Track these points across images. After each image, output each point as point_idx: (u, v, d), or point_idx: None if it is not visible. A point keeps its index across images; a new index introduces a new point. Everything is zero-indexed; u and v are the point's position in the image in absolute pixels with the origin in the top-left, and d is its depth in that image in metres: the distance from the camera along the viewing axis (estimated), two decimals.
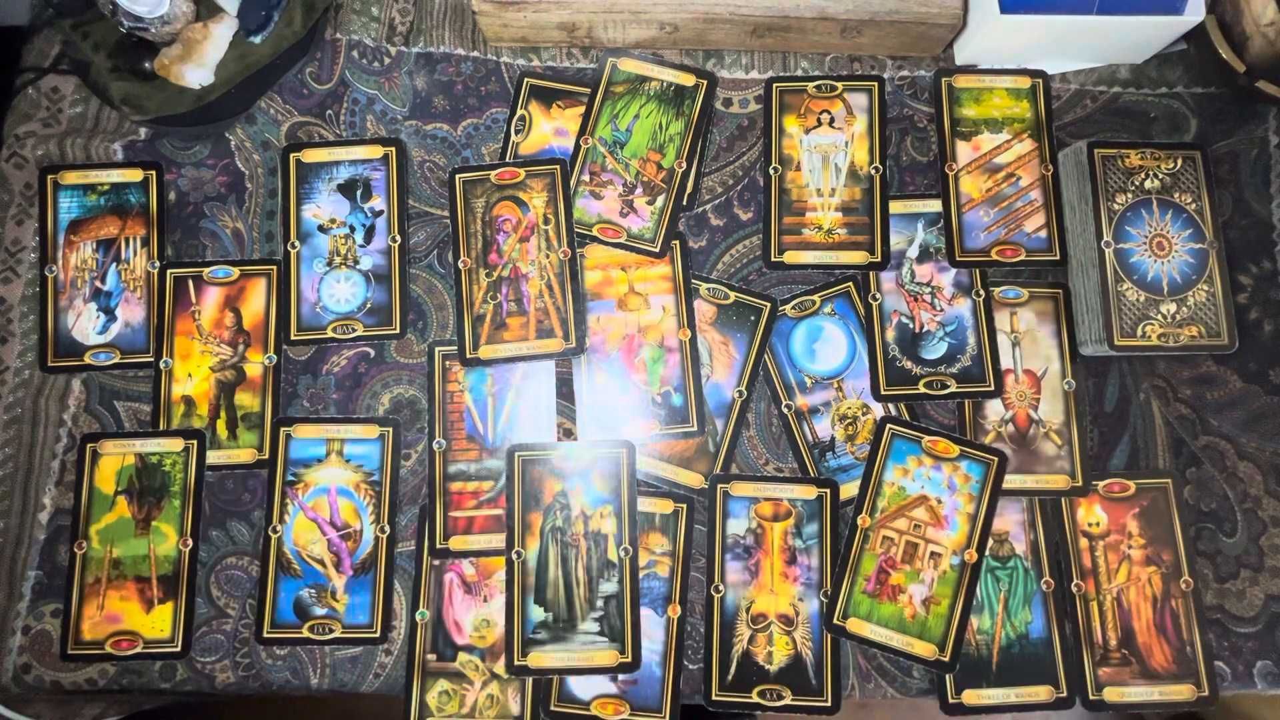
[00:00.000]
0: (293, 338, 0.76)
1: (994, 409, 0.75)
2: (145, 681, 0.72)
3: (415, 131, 0.81)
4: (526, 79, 0.82)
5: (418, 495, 0.75)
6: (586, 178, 0.79)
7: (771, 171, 0.79)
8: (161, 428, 0.75)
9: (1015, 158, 0.79)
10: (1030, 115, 0.80)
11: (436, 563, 0.73)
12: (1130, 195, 0.74)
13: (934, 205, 0.79)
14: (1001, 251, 0.77)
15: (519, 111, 0.81)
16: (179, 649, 0.71)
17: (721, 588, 0.72)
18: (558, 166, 0.78)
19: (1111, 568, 0.72)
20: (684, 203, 0.79)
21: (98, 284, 0.78)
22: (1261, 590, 0.73)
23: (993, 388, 0.75)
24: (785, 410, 0.76)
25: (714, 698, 0.70)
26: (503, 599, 0.71)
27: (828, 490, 0.73)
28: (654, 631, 0.71)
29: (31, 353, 0.77)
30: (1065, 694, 0.70)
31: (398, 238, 0.78)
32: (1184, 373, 0.77)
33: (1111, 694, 0.70)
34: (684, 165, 0.79)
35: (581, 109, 0.81)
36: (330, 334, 0.76)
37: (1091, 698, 0.70)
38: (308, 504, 0.73)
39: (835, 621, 0.70)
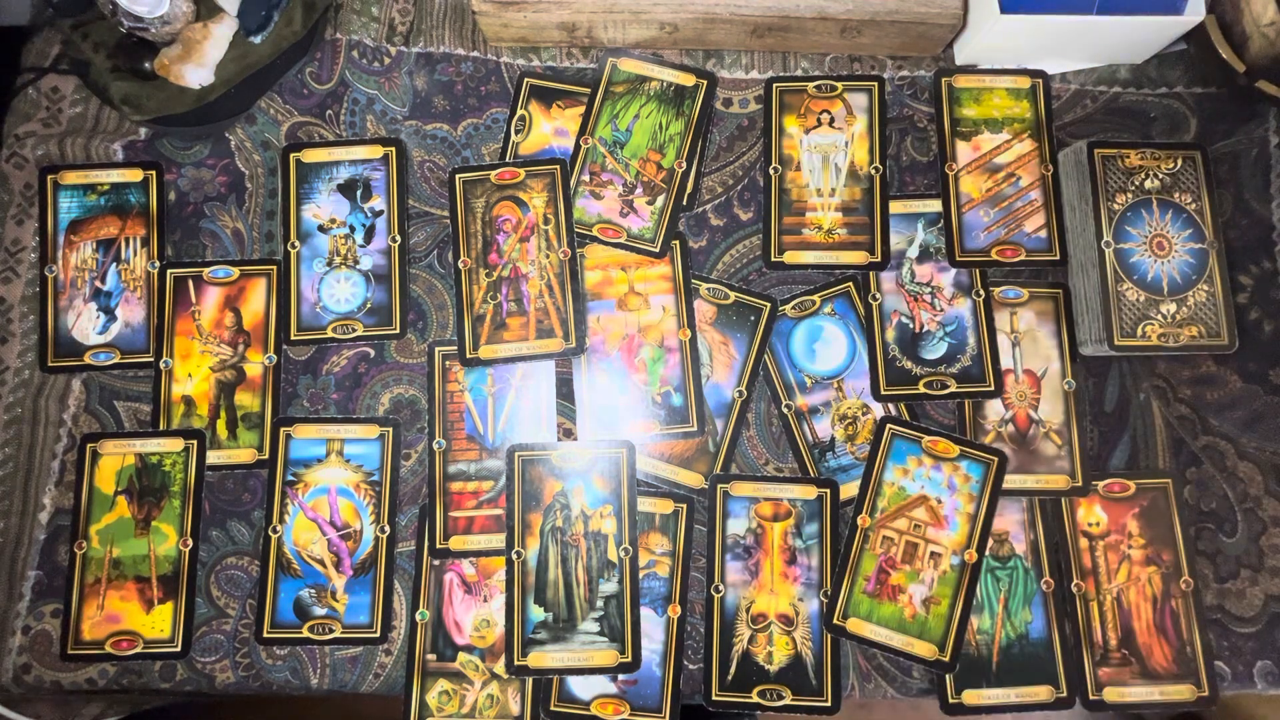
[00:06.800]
0: (293, 338, 0.76)
1: (994, 409, 0.75)
2: (145, 681, 0.72)
3: (415, 131, 0.81)
4: (526, 79, 0.82)
5: (418, 495, 0.75)
6: (586, 178, 0.79)
7: (771, 171, 0.79)
8: (161, 428, 0.75)
9: (1015, 158, 0.79)
10: (1030, 115, 0.80)
11: (436, 563, 0.73)
12: (1130, 195, 0.74)
13: (934, 205, 0.79)
14: (1001, 251, 0.77)
15: (519, 111, 0.81)
16: (179, 649, 0.71)
17: (721, 588, 0.72)
18: (558, 166, 0.78)
19: (1111, 568, 0.72)
20: (684, 203, 0.79)
21: (98, 284, 0.78)
22: (1261, 590, 0.73)
23: (993, 388, 0.74)
24: (785, 410, 0.76)
25: (714, 698, 0.70)
26: (503, 599, 0.71)
27: (828, 490, 0.73)
28: (654, 631, 0.71)
29: (31, 353, 0.77)
30: (1065, 694, 0.70)
31: (398, 238, 0.78)
32: (1184, 373, 0.77)
33: (1111, 694, 0.70)
34: (684, 165, 0.79)
35: (581, 109, 0.81)
36: (330, 334, 0.76)
37: (1091, 698, 0.70)
38: (308, 504, 0.73)
39: (835, 621, 0.70)
